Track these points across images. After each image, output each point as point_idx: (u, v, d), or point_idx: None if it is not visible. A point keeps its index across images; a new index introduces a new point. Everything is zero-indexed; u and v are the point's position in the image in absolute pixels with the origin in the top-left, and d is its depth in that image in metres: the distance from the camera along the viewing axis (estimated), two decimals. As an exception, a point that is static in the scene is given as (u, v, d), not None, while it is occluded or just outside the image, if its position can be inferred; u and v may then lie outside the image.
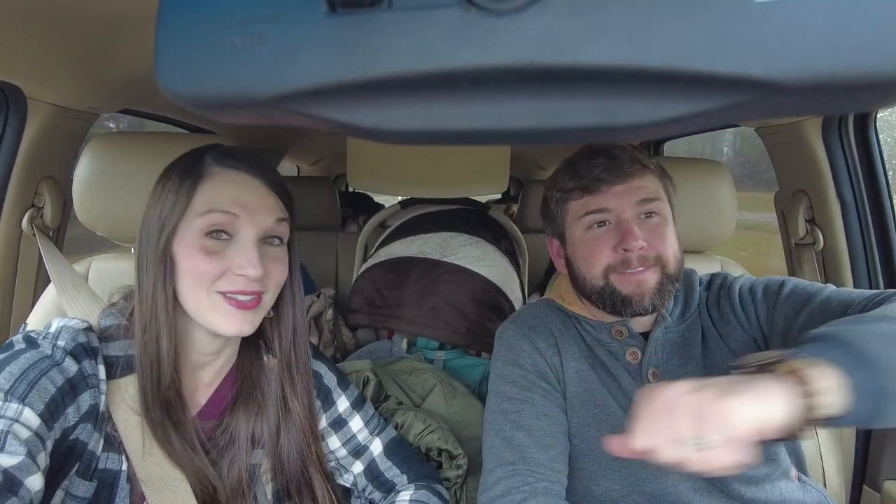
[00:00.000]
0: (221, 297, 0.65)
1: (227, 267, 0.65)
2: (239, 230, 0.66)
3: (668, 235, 0.79)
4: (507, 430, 0.78)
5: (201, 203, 0.65)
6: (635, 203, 0.78)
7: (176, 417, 0.66)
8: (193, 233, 0.64)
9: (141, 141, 1.00)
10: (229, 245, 0.65)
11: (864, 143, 1.14)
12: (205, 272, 0.64)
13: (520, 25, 0.21)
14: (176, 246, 0.65)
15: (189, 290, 0.65)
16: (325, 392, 0.84)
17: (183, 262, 0.64)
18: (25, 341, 0.61)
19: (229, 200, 0.65)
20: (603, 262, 0.79)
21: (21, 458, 0.52)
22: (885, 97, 0.22)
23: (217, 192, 0.65)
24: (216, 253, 0.64)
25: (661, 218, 0.80)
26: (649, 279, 0.78)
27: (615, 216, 0.79)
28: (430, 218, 1.36)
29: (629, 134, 0.23)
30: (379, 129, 0.24)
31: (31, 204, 1.11)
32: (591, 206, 0.80)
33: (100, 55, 0.91)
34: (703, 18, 0.20)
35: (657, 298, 0.78)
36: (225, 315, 0.65)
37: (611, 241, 0.78)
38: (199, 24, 0.24)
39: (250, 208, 0.66)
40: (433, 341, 1.22)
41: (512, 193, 3.84)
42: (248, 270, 0.64)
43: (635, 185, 0.79)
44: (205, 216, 0.64)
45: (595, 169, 0.79)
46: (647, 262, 0.77)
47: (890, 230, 1.14)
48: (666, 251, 0.78)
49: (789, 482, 0.79)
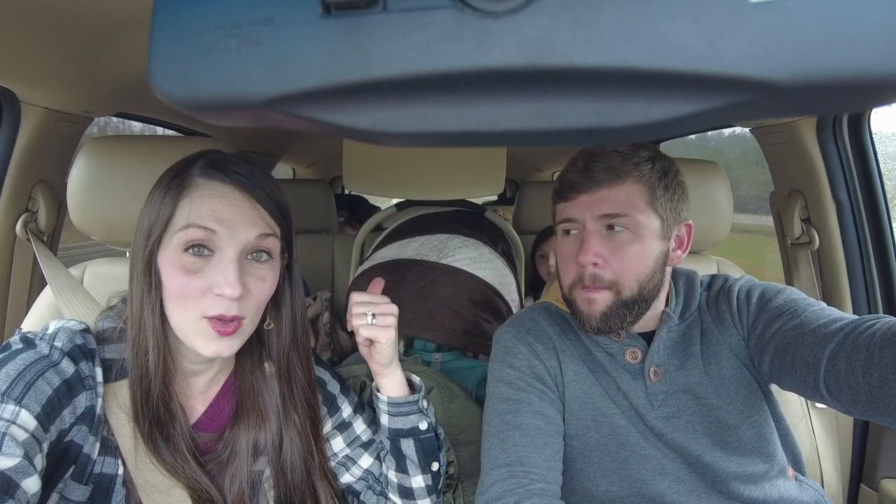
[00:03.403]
0: (206, 322, 0.63)
1: (208, 286, 0.63)
2: (219, 246, 0.64)
3: (629, 255, 0.75)
4: (503, 431, 0.79)
5: (181, 216, 0.63)
6: (598, 216, 0.76)
7: (165, 430, 0.65)
8: (174, 248, 0.63)
9: (136, 144, 1.00)
10: (209, 262, 0.63)
11: (858, 142, 1.15)
12: (186, 292, 0.62)
13: (515, 27, 0.21)
14: (160, 259, 0.64)
15: (174, 309, 0.64)
16: (331, 399, 0.84)
17: (166, 279, 0.63)
18: (22, 342, 0.60)
19: (207, 215, 0.63)
20: (570, 275, 0.79)
21: (18, 460, 0.52)
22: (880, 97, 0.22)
23: (196, 205, 0.63)
24: (196, 271, 0.63)
25: (630, 234, 0.76)
26: (599, 300, 0.76)
27: (580, 226, 0.77)
28: (427, 220, 1.36)
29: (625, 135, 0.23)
30: (374, 131, 0.24)
31: (25, 208, 1.11)
32: (562, 214, 0.80)
33: (93, 58, 0.90)
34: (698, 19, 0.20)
35: (604, 322, 0.77)
36: (206, 338, 0.64)
37: (575, 253, 0.77)
38: (193, 27, 0.24)
39: (230, 224, 0.63)
40: (430, 343, 1.22)
41: (508, 195, 3.84)
42: (224, 289, 0.62)
43: (602, 195, 0.76)
44: (183, 231, 0.63)
45: (571, 173, 0.78)
46: (600, 282, 0.75)
47: (885, 229, 1.15)
48: (623, 274, 0.75)
49: (786, 481, 0.80)
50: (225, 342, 0.64)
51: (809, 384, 0.69)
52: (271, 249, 0.68)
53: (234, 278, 0.62)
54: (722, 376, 0.80)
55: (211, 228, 0.63)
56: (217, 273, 0.63)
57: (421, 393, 0.85)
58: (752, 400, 0.80)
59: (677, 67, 0.21)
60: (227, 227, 0.63)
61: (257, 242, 0.66)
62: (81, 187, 0.96)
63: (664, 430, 0.78)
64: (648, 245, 0.76)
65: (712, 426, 0.78)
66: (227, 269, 0.62)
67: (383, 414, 0.83)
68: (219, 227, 0.63)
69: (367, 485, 0.86)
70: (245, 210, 0.65)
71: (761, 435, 0.79)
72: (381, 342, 0.79)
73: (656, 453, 0.79)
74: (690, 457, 0.78)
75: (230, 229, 0.63)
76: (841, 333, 0.66)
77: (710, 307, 0.86)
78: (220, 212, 0.63)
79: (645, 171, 0.77)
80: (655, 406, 0.79)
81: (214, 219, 0.63)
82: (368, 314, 0.78)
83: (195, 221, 0.62)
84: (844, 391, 0.64)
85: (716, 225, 1.13)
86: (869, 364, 0.61)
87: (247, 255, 0.66)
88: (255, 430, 0.73)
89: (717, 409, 0.79)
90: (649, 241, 0.76)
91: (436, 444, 0.85)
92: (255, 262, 0.66)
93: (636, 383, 0.81)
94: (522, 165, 3.20)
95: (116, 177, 0.95)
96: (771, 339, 0.75)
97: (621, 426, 0.80)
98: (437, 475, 0.86)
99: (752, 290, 0.83)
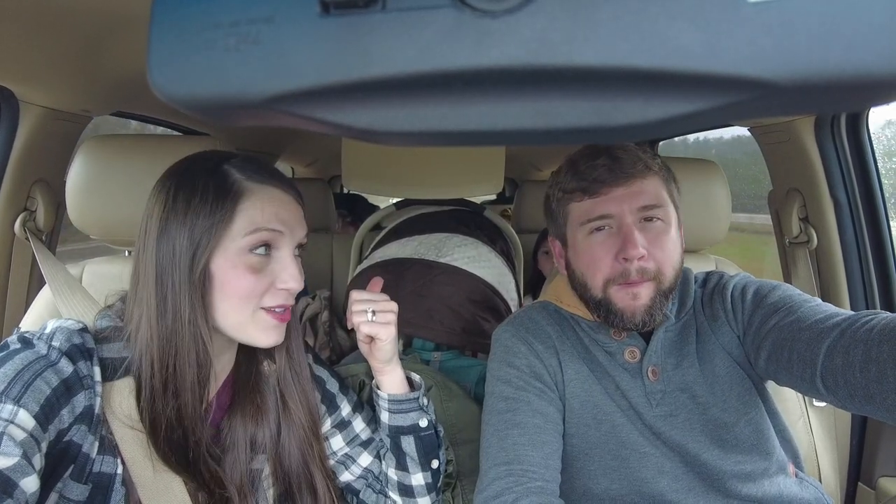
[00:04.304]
0: (265, 313, 0.68)
1: (271, 282, 0.68)
2: (279, 245, 0.69)
3: (668, 244, 0.77)
4: (502, 430, 0.79)
5: (246, 222, 0.66)
6: (637, 209, 0.76)
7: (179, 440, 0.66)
8: (237, 251, 0.66)
9: (134, 143, 1.00)
10: (270, 260, 0.68)
11: (856, 142, 1.15)
12: (252, 290, 0.66)
13: (514, 26, 0.21)
14: (215, 265, 0.65)
15: (232, 308, 0.66)
16: (330, 397, 0.84)
17: (227, 281, 0.65)
18: (20, 341, 0.60)
19: (273, 218, 0.68)
20: (604, 273, 0.78)
21: (16, 459, 0.52)
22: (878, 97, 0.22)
23: (260, 210, 0.67)
24: (259, 270, 0.67)
25: (664, 224, 0.78)
26: (643, 294, 0.76)
27: (616, 221, 0.77)
28: (426, 219, 1.36)
29: (624, 134, 0.23)
30: (373, 130, 0.24)
31: (23, 207, 1.10)
32: (592, 213, 0.78)
33: (92, 57, 0.90)
34: (696, 18, 0.20)
35: (647, 315, 0.77)
36: (266, 329, 0.68)
37: (612, 249, 0.77)
38: (192, 25, 0.24)
39: (290, 224, 0.69)
40: (429, 342, 1.22)
41: (507, 194, 3.84)
42: (291, 284, 0.68)
43: (636, 188, 0.76)
44: (252, 235, 0.66)
45: (596, 169, 0.77)
46: (646, 275, 0.76)
47: (882, 228, 1.15)
48: (664, 263, 0.77)
49: (786, 478, 0.80)
50: (281, 328, 0.70)
51: (806, 379, 0.69)
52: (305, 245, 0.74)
53: (297, 272, 0.69)
54: (716, 374, 0.80)
55: (279, 230, 0.68)
56: (281, 269, 0.68)
57: (421, 390, 0.86)
58: (746, 397, 0.80)
59: (676, 67, 0.21)
60: (289, 227, 0.69)
61: (304, 239, 0.73)
62: (80, 186, 0.96)
63: (662, 429, 0.79)
64: (675, 234, 0.79)
65: (709, 424, 0.79)
66: (291, 265, 0.69)
67: (383, 411, 0.83)
68: (283, 228, 0.68)
69: (366, 483, 0.87)
70: (297, 210, 0.72)
71: (759, 431, 0.79)
72: (382, 339, 0.80)
73: (655, 452, 0.79)
74: (688, 455, 0.78)
75: (290, 229, 0.70)
76: (838, 329, 0.67)
77: (705, 305, 0.86)
78: (282, 214, 0.69)
79: (659, 164, 0.80)
80: (653, 405, 0.80)
81: (280, 221, 0.68)
82: (368, 311, 0.80)
83: (265, 225, 0.67)
84: (841, 386, 0.64)
85: (714, 224, 1.13)
86: (866, 359, 0.61)
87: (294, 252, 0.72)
88: (253, 424, 0.73)
89: (713, 406, 0.79)
90: (674, 230, 0.79)
91: (436, 442, 0.86)
92: (298, 257, 0.72)
93: (635, 382, 0.81)
94: (521, 164, 3.20)
95: (115, 176, 0.95)
96: (767, 335, 0.76)
97: (621, 424, 0.80)
98: (437, 473, 0.86)
99: (747, 287, 0.84)
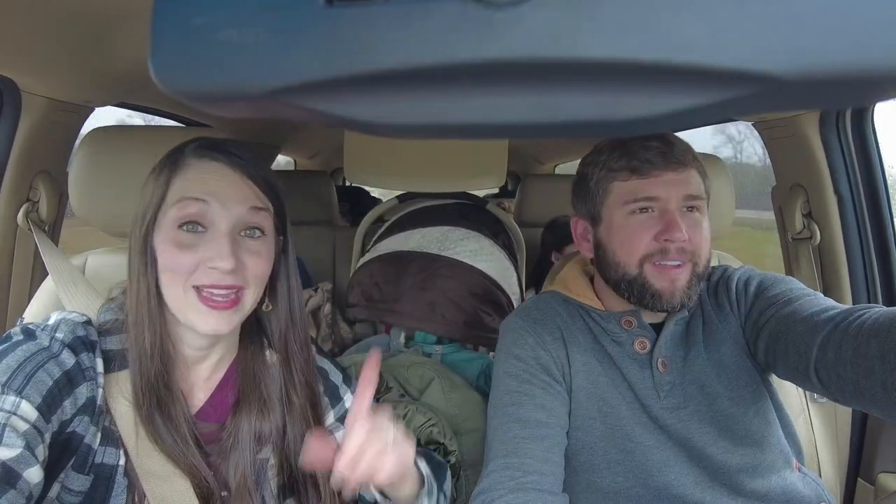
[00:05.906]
0: (195, 295, 0.64)
1: (201, 259, 0.63)
2: (212, 221, 0.65)
3: (703, 232, 0.79)
4: (504, 424, 0.79)
5: (174, 193, 0.65)
6: (683, 196, 0.77)
7: (166, 412, 0.65)
8: (168, 225, 0.64)
9: (137, 134, 0.99)
10: (203, 237, 0.64)
11: (860, 138, 1.15)
12: (178, 266, 0.63)
13: (518, 19, 0.21)
14: (155, 239, 0.65)
15: (167, 285, 0.65)
16: (332, 389, 0.83)
17: (160, 256, 0.65)
18: (23, 333, 0.61)
19: (199, 188, 0.64)
20: (641, 249, 0.78)
21: (19, 450, 0.52)
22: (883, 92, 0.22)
23: (188, 181, 0.65)
24: (189, 246, 0.64)
25: (701, 216, 0.79)
26: (681, 276, 0.77)
27: (661, 205, 0.77)
28: (428, 212, 1.36)
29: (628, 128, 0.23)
30: (376, 122, 0.24)
31: (26, 198, 1.10)
32: (639, 193, 0.78)
33: (95, 48, 0.90)
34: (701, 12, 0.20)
35: (685, 296, 0.78)
36: (200, 313, 0.64)
37: (652, 230, 0.77)
38: (194, 16, 0.24)
39: (222, 196, 0.65)
40: (431, 335, 1.23)
41: (510, 188, 3.83)
42: (217, 262, 0.62)
43: (685, 176, 0.78)
44: (176, 206, 0.64)
45: (649, 151, 0.77)
46: (685, 256, 0.77)
47: (886, 224, 1.15)
48: (702, 248, 0.78)
49: (792, 472, 0.80)
50: (223, 315, 0.65)
51: (801, 371, 0.70)
52: (264, 226, 0.68)
53: (228, 251, 0.63)
54: (723, 364, 0.81)
55: (203, 199, 0.64)
56: (210, 248, 0.63)
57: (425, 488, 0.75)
58: (754, 387, 0.80)
59: (680, 61, 0.21)
60: (219, 200, 0.64)
61: (250, 217, 0.66)
62: (83, 177, 0.96)
63: (669, 421, 0.79)
64: (707, 225, 0.81)
65: (718, 415, 0.79)
66: (220, 242, 0.63)
67: None
68: (210, 199, 0.64)
69: None
70: (236, 182, 0.66)
71: (766, 423, 0.80)
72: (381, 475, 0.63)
73: (660, 445, 0.79)
74: (694, 449, 0.78)
75: (222, 201, 0.64)
76: (832, 322, 0.68)
77: (710, 296, 0.87)
78: (211, 184, 0.65)
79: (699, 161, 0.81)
80: (661, 396, 0.80)
81: (206, 191, 0.64)
82: None
83: (189, 194, 0.64)
84: (833, 379, 0.66)
85: (718, 219, 1.12)
86: (856, 354, 0.62)
87: (240, 232, 0.66)
88: (259, 418, 0.72)
89: (721, 397, 0.79)
90: (707, 224, 0.81)
91: None
92: (248, 238, 0.67)
93: (643, 373, 0.81)
94: (524, 158, 3.19)
95: (118, 167, 0.95)
96: (765, 326, 0.77)
97: (626, 417, 0.80)
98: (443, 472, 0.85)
99: (750, 279, 0.84)
